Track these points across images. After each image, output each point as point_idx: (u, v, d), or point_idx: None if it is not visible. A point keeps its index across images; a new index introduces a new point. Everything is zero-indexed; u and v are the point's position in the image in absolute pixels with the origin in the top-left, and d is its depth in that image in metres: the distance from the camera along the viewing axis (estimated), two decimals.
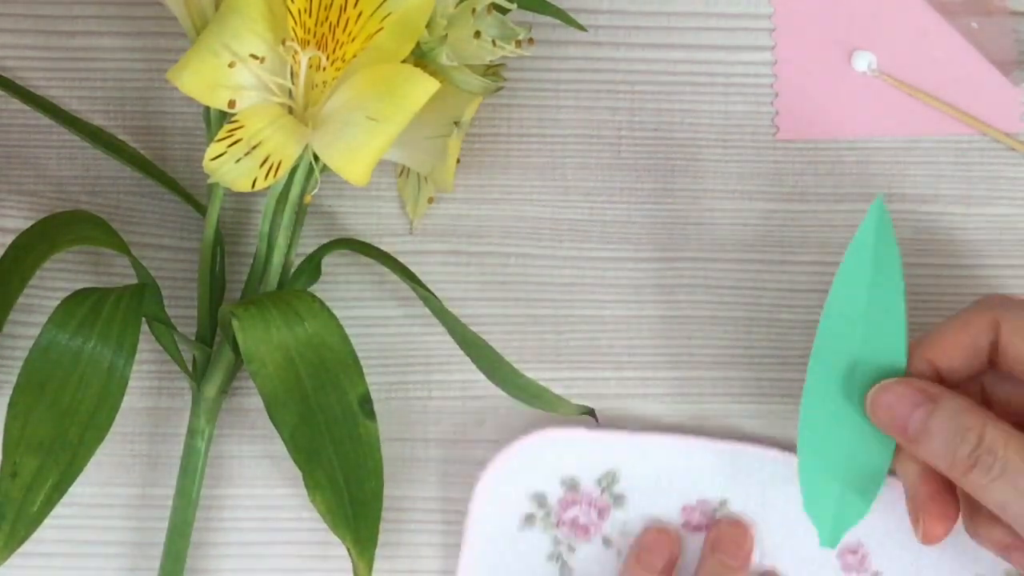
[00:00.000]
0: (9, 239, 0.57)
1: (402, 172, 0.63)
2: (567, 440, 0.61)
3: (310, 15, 0.52)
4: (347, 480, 0.55)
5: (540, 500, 0.61)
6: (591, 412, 0.59)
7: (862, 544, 0.61)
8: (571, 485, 0.61)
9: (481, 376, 0.59)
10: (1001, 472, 0.51)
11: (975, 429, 0.52)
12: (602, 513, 0.62)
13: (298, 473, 0.55)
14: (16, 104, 0.63)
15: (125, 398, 0.54)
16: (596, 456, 0.61)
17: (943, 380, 0.55)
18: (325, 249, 0.60)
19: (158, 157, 0.63)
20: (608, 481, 0.61)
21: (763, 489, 0.61)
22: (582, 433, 0.61)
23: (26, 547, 0.54)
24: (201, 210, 0.62)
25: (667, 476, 0.61)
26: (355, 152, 0.53)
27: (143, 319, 0.56)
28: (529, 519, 0.61)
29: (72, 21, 0.64)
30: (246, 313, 0.54)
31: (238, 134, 0.52)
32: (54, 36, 0.64)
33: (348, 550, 0.56)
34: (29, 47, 0.64)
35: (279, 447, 0.58)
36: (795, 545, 0.61)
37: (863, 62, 0.63)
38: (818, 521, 0.57)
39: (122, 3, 0.64)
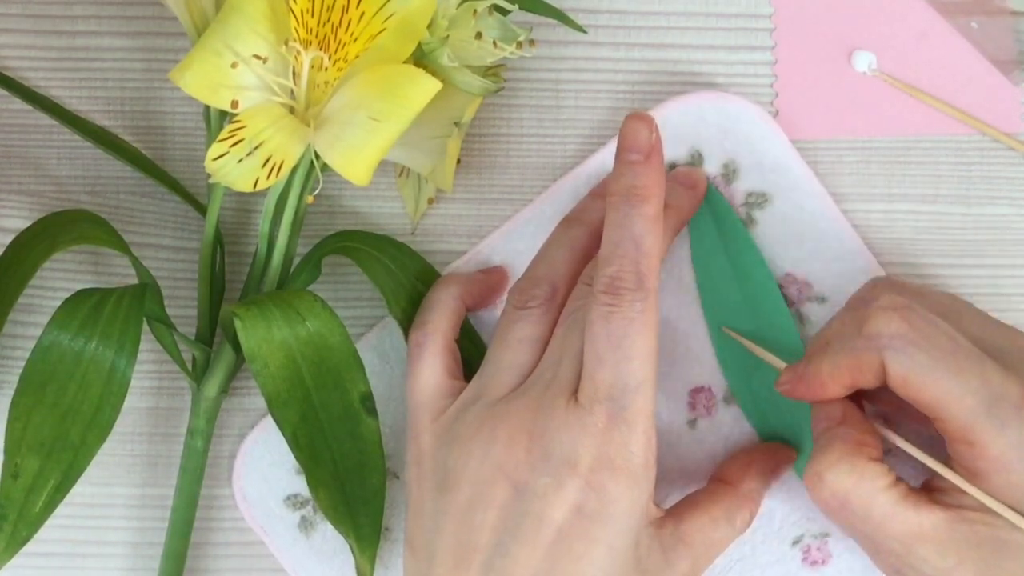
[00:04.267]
0: (9, 239, 0.57)
1: (402, 172, 0.63)
2: None
3: (312, 15, 0.52)
4: (349, 477, 0.56)
5: None
6: None
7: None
8: None
9: None
10: (841, 507, 0.54)
11: (836, 463, 0.54)
12: None
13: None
14: (17, 104, 0.63)
15: (126, 398, 0.54)
16: None
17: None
18: (324, 247, 0.60)
19: (158, 157, 0.63)
20: None
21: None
22: None
23: (26, 547, 0.53)
24: (201, 210, 0.62)
25: None
26: (357, 152, 0.53)
27: (143, 319, 0.56)
28: None
29: (72, 21, 0.64)
30: (248, 313, 0.54)
31: (240, 134, 0.52)
32: (54, 36, 0.63)
33: (351, 547, 0.56)
34: (29, 47, 0.63)
35: None
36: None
37: (863, 62, 0.63)
38: (795, 463, 0.61)
39: (122, 3, 0.63)
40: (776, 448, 0.61)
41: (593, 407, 0.53)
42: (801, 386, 0.56)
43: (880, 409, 0.57)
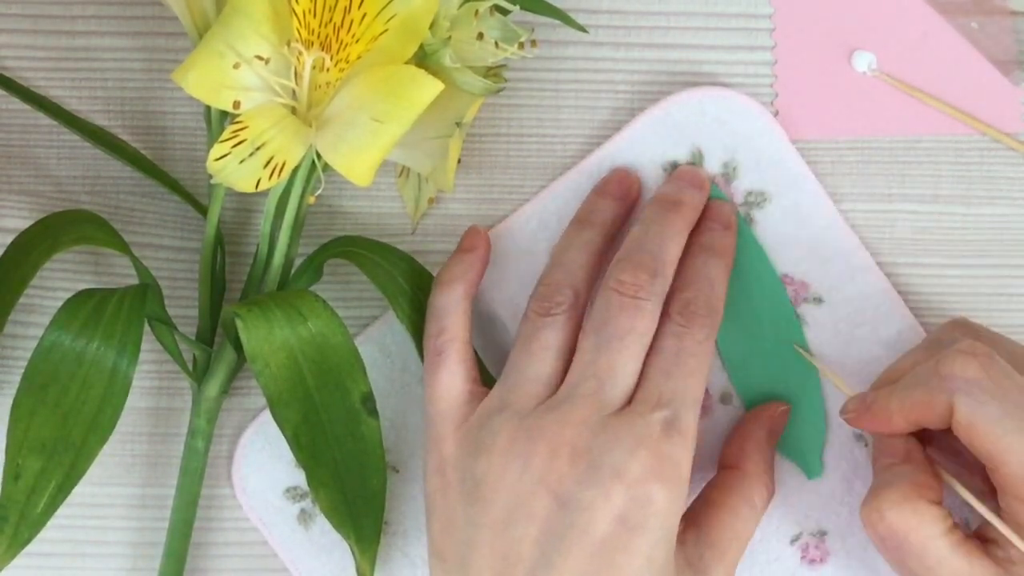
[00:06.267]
0: (9, 239, 0.57)
1: (402, 172, 0.63)
2: None
3: (314, 16, 0.52)
4: (350, 478, 0.56)
5: None
6: None
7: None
8: None
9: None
10: (900, 544, 0.55)
11: (900, 503, 0.55)
12: None
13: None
14: (17, 104, 0.63)
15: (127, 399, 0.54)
16: None
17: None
18: (326, 251, 0.60)
19: (158, 157, 0.63)
20: None
21: None
22: None
23: (27, 547, 0.54)
24: (202, 210, 0.62)
25: None
26: (359, 153, 0.53)
27: (145, 319, 0.56)
28: None
29: (72, 21, 0.63)
30: (249, 313, 0.54)
31: (242, 135, 0.52)
32: (54, 36, 0.63)
33: (351, 547, 0.56)
34: (29, 47, 0.63)
35: None
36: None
37: (863, 62, 0.63)
38: (796, 457, 0.61)
39: (122, 3, 0.63)
40: (761, 413, 0.61)
41: (652, 416, 0.54)
42: (867, 416, 0.57)
43: (935, 452, 0.58)
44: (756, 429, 0.60)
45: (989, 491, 0.55)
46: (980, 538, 0.55)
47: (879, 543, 0.55)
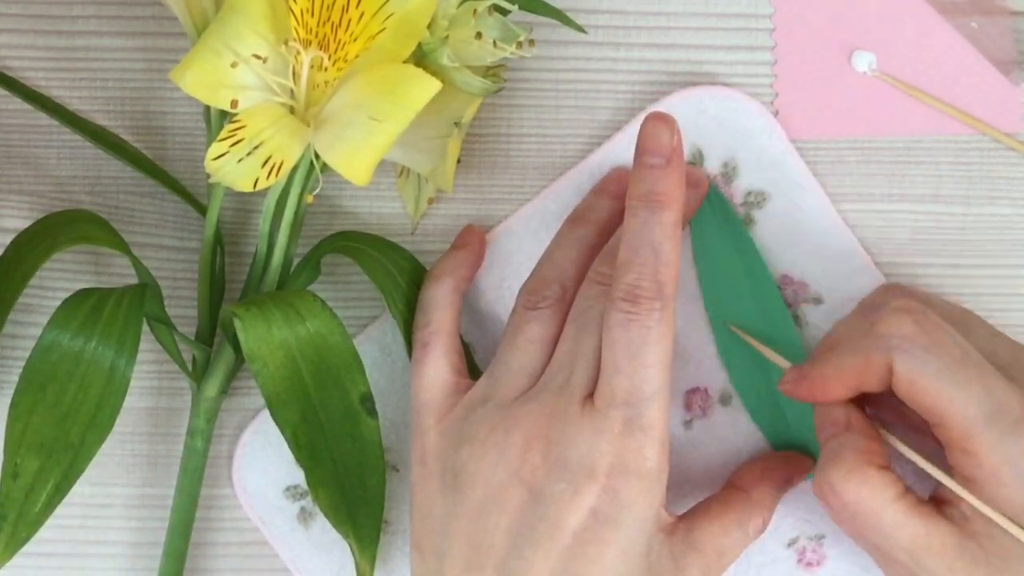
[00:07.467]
0: (9, 239, 0.57)
1: (402, 172, 0.63)
2: None
3: (312, 15, 0.52)
4: (349, 478, 0.56)
5: None
6: None
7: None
8: None
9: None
10: (853, 516, 0.54)
11: (847, 472, 0.54)
12: None
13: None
14: (17, 104, 0.63)
15: (125, 398, 0.54)
16: None
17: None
18: (324, 246, 0.60)
19: (158, 157, 0.63)
20: None
21: None
22: None
23: (26, 547, 0.54)
24: (201, 210, 0.62)
25: None
26: (357, 152, 0.53)
27: (143, 319, 0.56)
28: None
29: (72, 21, 0.63)
30: (248, 313, 0.54)
31: (240, 134, 0.52)
32: (54, 36, 0.63)
33: (350, 547, 0.56)
34: (29, 47, 0.63)
35: None
36: None
37: (863, 62, 0.63)
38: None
39: (122, 3, 0.63)
40: (792, 457, 0.60)
41: (609, 412, 0.53)
42: (804, 385, 0.56)
43: (879, 415, 0.57)
44: (781, 468, 0.60)
45: (937, 452, 0.54)
46: (935, 501, 0.55)
47: (836, 518, 0.55)
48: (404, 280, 0.59)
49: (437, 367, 0.57)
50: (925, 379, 0.52)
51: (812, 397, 0.56)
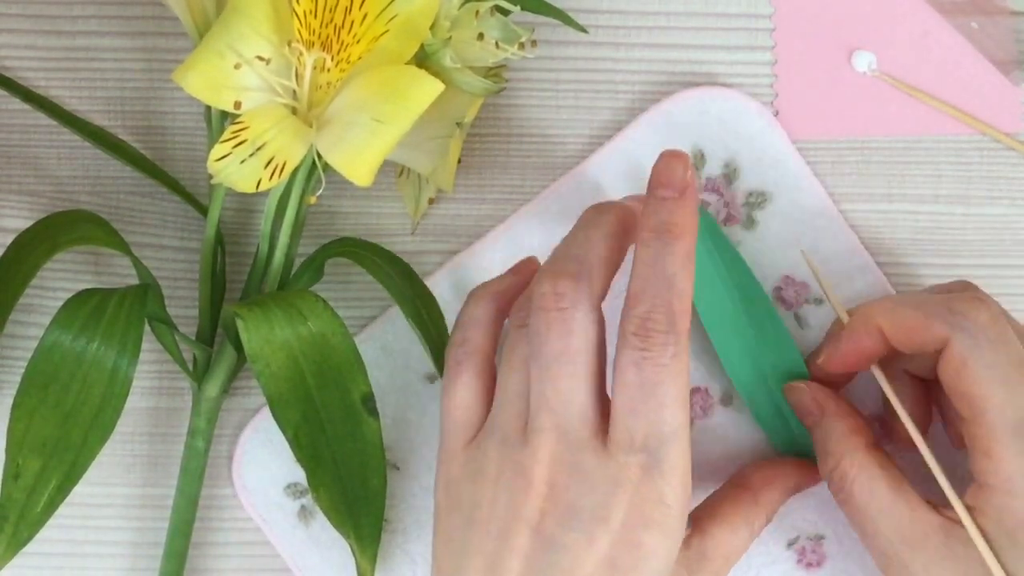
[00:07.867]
0: (9, 239, 0.57)
1: (402, 172, 0.63)
2: None
3: (315, 17, 0.52)
4: (350, 478, 0.56)
5: None
6: None
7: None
8: None
9: None
10: (846, 499, 0.56)
11: (834, 456, 0.56)
12: None
13: None
14: (17, 104, 0.63)
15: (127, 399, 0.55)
16: None
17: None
18: (327, 251, 0.60)
19: (159, 157, 0.63)
20: None
21: None
22: None
23: (26, 547, 0.53)
24: (202, 210, 0.62)
25: None
26: (359, 153, 0.53)
27: (145, 319, 0.56)
28: None
29: (72, 21, 0.63)
30: (251, 313, 0.54)
31: (243, 135, 0.52)
32: (54, 36, 0.63)
33: (351, 547, 0.56)
34: (29, 47, 0.63)
35: None
36: None
37: (863, 62, 0.63)
38: None
39: (122, 3, 0.63)
40: (802, 466, 0.60)
41: (628, 459, 0.51)
42: (835, 334, 0.58)
43: (912, 409, 0.58)
44: (790, 474, 0.60)
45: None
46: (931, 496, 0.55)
47: (838, 504, 0.57)
48: (408, 289, 0.59)
49: (469, 388, 0.55)
50: (977, 367, 0.53)
51: (834, 349, 0.57)
